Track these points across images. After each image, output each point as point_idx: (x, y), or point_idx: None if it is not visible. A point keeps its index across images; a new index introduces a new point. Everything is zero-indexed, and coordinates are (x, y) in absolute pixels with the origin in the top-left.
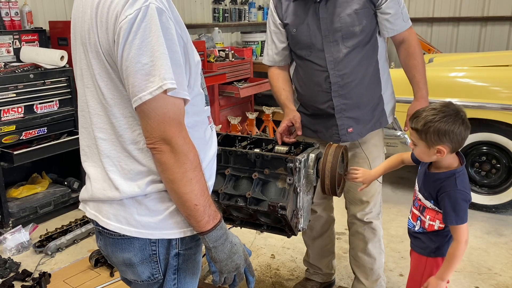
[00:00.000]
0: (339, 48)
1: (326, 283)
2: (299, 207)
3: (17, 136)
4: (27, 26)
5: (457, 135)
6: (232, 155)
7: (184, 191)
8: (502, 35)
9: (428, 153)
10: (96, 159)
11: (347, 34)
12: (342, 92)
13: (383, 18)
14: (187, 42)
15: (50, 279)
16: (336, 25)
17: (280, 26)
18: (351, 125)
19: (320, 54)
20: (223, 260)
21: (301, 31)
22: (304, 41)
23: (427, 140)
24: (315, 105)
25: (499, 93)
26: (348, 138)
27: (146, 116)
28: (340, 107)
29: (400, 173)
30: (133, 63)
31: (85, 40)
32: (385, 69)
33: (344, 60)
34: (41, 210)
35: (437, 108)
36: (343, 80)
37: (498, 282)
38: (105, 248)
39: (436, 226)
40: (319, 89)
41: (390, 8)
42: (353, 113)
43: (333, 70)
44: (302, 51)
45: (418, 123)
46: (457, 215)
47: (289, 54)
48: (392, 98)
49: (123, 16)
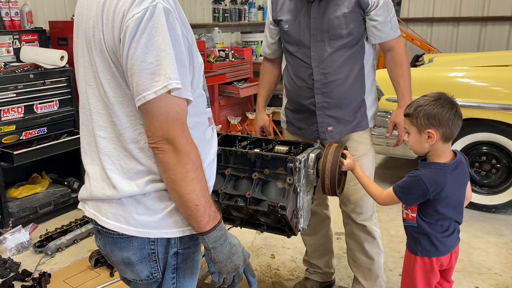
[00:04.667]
0: (325, 47)
1: (326, 282)
2: (299, 207)
3: (17, 136)
4: (27, 26)
5: (447, 119)
6: (232, 155)
7: (186, 191)
8: (502, 35)
9: (420, 140)
10: (94, 157)
11: (333, 35)
12: (325, 90)
13: (371, 25)
14: (192, 43)
15: (50, 279)
16: (324, 26)
17: (272, 25)
18: (331, 124)
19: (306, 52)
20: (222, 260)
21: (292, 28)
22: (293, 38)
23: (418, 125)
24: (299, 101)
25: (499, 93)
26: (327, 137)
27: (150, 115)
28: (321, 104)
29: (400, 173)
30: (139, 62)
31: (89, 38)
32: (370, 75)
33: (328, 59)
34: (41, 210)
35: (429, 95)
36: (326, 79)
37: (498, 282)
38: (104, 247)
39: (410, 216)
40: (304, 85)
41: (378, 16)
42: (334, 112)
43: (317, 68)
44: (291, 47)
45: (410, 109)
46: (400, 185)
47: (279, 49)
48: (374, 104)
49: (130, 15)
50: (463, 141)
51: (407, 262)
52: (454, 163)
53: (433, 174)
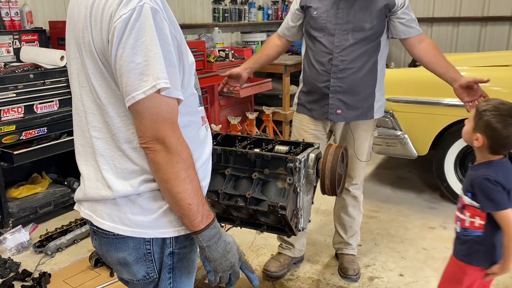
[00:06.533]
0: (348, 37)
1: (296, 258)
2: (299, 207)
3: (17, 136)
4: (27, 26)
5: (503, 138)
6: (232, 155)
7: (177, 190)
8: (502, 35)
9: (470, 134)
10: (89, 157)
11: (357, 27)
12: (340, 75)
13: (399, 23)
14: (181, 42)
15: (50, 279)
16: (350, 18)
17: (298, 10)
18: (341, 108)
19: (330, 39)
20: (217, 259)
21: (320, 15)
22: (320, 24)
23: (476, 123)
24: (315, 83)
25: (499, 93)
26: (335, 118)
27: (140, 116)
28: (335, 88)
29: (400, 173)
30: (127, 63)
31: (79, 40)
32: (382, 72)
33: (348, 49)
34: (41, 210)
35: (504, 106)
36: (343, 65)
37: (498, 282)
38: (100, 247)
39: (477, 223)
40: (322, 68)
41: (406, 14)
42: (345, 97)
43: (337, 54)
44: (316, 33)
45: (482, 106)
46: (491, 201)
47: (297, 33)
48: (382, 98)
49: (117, 16)
50: (463, 141)
51: (454, 270)
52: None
53: (496, 171)
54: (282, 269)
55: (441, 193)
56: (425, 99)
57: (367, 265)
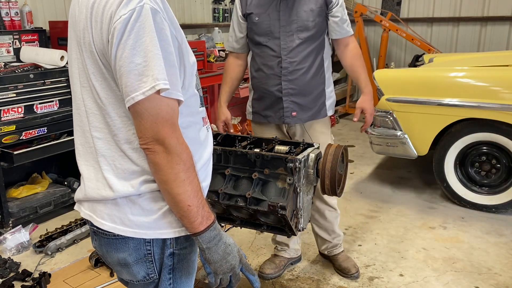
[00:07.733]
0: (293, 38)
1: (293, 258)
2: (299, 207)
3: (17, 136)
4: (27, 26)
5: None
6: (232, 155)
7: (177, 192)
8: (502, 35)
9: None
10: (89, 158)
11: (301, 26)
12: (291, 77)
13: (332, 21)
14: (182, 43)
15: (50, 279)
16: (293, 18)
17: (241, 19)
18: (295, 110)
19: (276, 42)
20: (217, 261)
21: (263, 20)
22: (264, 29)
23: None
24: (267, 88)
25: (499, 93)
26: (291, 121)
27: (139, 116)
28: (287, 91)
29: (400, 173)
30: (127, 63)
31: (80, 40)
32: (329, 68)
33: (295, 50)
34: (41, 210)
35: None
36: (292, 67)
37: (498, 282)
38: (100, 248)
39: None
40: (272, 72)
41: (338, 13)
42: (298, 98)
43: (285, 57)
44: (261, 38)
45: None
46: None
47: (246, 44)
48: (332, 95)
49: (117, 16)
50: (463, 141)
51: None
52: None
53: None
54: (278, 271)
55: (441, 193)
56: (425, 99)
57: (367, 265)
